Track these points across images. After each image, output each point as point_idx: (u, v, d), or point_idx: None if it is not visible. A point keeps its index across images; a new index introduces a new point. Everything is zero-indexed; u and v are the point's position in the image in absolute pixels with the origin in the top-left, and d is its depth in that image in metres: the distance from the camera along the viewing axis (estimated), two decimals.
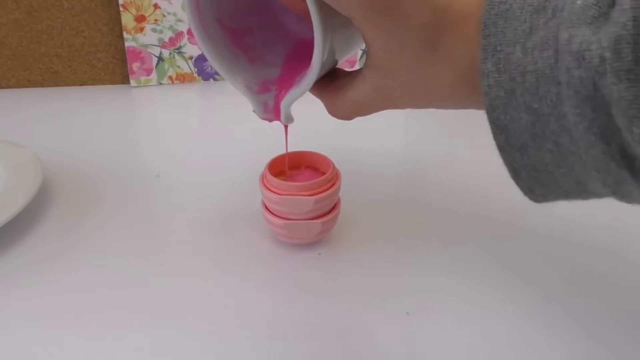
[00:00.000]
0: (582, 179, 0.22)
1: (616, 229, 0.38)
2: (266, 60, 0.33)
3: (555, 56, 0.20)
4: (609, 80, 0.18)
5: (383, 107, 0.29)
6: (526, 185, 0.24)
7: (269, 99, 0.31)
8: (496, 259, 0.35)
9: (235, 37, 0.31)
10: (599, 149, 0.19)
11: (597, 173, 0.20)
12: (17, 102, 0.64)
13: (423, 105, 0.28)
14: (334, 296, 0.32)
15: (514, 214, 0.40)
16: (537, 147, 0.22)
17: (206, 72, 0.71)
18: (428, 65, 0.25)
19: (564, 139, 0.21)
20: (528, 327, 0.30)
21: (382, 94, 0.28)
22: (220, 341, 0.29)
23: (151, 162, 0.50)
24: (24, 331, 0.29)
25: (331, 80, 0.30)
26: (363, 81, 0.28)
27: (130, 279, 0.33)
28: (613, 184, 0.20)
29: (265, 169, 0.35)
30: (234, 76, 0.31)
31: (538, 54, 0.21)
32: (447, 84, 0.25)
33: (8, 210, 0.36)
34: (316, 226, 0.34)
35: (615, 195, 0.21)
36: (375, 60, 0.26)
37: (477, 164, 0.48)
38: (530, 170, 0.23)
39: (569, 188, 0.23)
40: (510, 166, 0.24)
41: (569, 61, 0.19)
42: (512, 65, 0.21)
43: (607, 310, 0.31)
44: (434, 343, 0.29)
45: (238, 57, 0.31)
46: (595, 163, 0.20)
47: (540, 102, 0.21)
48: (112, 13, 0.66)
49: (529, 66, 0.21)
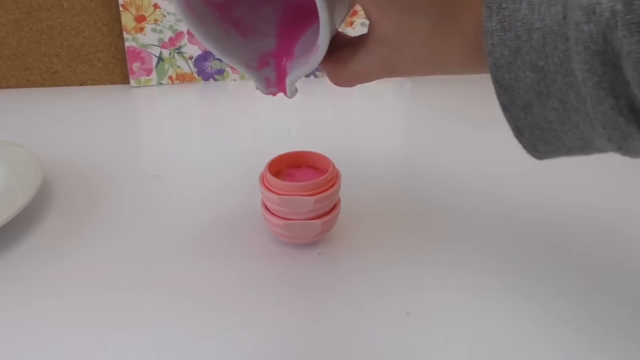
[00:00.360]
0: (587, 136, 0.22)
1: (617, 226, 0.39)
2: (258, 30, 0.32)
3: (564, 12, 0.20)
4: (620, 34, 0.18)
5: (387, 76, 0.29)
6: (529, 143, 0.24)
7: (269, 74, 0.31)
8: (497, 259, 0.35)
9: (222, 11, 0.31)
10: (608, 104, 0.19)
11: (604, 129, 0.20)
12: (17, 102, 0.64)
13: (430, 74, 0.28)
14: (333, 296, 0.32)
15: (514, 213, 0.40)
16: (542, 105, 0.22)
17: (206, 72, 0.71)
18: (438, 40, 0.25)
19: (570, 97, 0.21)
20: (528, 326, 0.30)
21: (388, 66, 0.27)
22: (221, 341, 0.29)
23: (151, 162, 0.50)
24: (23, 331, 0.29)
25: (332, 51, 0.29)
26: (367, 54, 0.27)
27: (130, 278, 0.33)
28: (619, 140, 0.20)
29: (265, 169, 0.35)
30: (230, 54, 0.30)
31: (545, 10, 0.20)
32: (458, 55, 0.25)
33: (8, 210, 0.36)
34: (316, 226, 0.34)
35: (620, 151, 0.21)
36: (382, 36, 0.26)
37: (477, 164, 0.48)
38: (534, 129, 0.23)
39: (573, 145, 0.23)
40: (513, 125, 0.23)
41: (579, 16, 0.19)
42: (517, 23, 0.21)
43: (608, 307, 0.31)
44: (434, 343, 0.29)
45: (229, 32, 0.31)
46: (603, 119, 0.20)
47: (546, 59, 0.21)
48: (112, 13, 0.66)
49: (535, 23, 0.21)
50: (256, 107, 0.62)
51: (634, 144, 0.20)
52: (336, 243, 0.37)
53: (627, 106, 0.19)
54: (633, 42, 0.18)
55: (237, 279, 0.33)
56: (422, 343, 0.28)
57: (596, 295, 0.32)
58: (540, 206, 0.42)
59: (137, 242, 0.37)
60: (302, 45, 0.31)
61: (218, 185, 0.44)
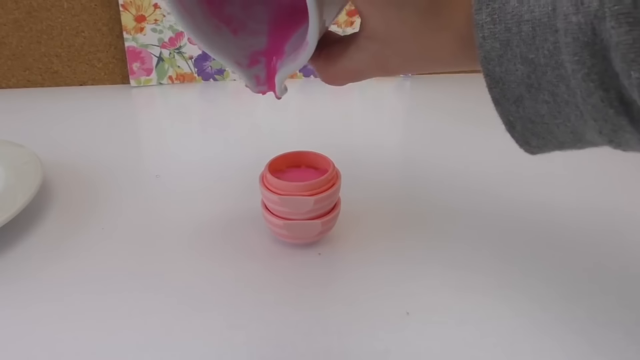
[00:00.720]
0: (579, 129, 0.22)
1: (618, 226, 0.39)
2: (249, 29, 0.32)
3: (553, 3, 0.20)
4: (608, 25, 0.18)
5: (378, 74, 0.28)
6: (522, 138, 0.24)
7: (259, 72, 0.31)
8: (497, 259, 0.35)
9: (214, 7, 0.30)
10: (598, 96, 0.19)
11: (595, 122, 0.20)
12: (17, 102, 0.64)
13: (420, 71, 0.28)
14: (333, 296, 0.32)
15: (515, 213, 0.40)
16: (532, 98, 0.22)
17: (206, 72, 0.71)
18: (428, 34, 0.25)
19: (561, 89, 0.21)
20: (529, 326, 0.30)
21: (379, 62, 0.27)
22: (221, 341, 0.29)
23: (151, 162, 0.50)
24: (23, 331, 0.29)
25: (322, 48, 0.29)
26: (358, 50, 0.27)
27: (129, 279, 0.33)
28: (610, 132, 0.20)
29: (265, 169, 0.35)
30: (221, 51, 0.30)
31: (534, 2, 0.20)
32: (448, 51, 0.25)
33: (8, 210, 0.36)
34: (316, 226, 0.34)
35: (612, 144, 0.21)
36: (372, 32, 0.26)
37: (478, 164, 0.48)
38: (526, 122, 0.23)
39: (565, 138, 0.23)
40: (505, 119, 0.23)
41: (567, 7, 0.19)
42: (507, 15, 0.21)
43: (609, 307, 0.31)
44: (434, 343, 0.29)
45: (220, 29, 0.30)
46: (593, 111, 0.20)
47: (536, 52, 0.21)
48: (112, 13, 0.66)
49: (525, 15, 0.21)
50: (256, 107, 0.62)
51: (625, 137, 0.20)
52: (336, 243, 0.37)
53: (617, 98, 0.19)
54: (621, 33, 0.17)
55: (237, 279, 0.33)
56: (422, 343, 0.29)
57: (597, 295, 0.32)
58: (541, 205, 0.42)
59: (137, 242, 0.37)
60: (293, 44, 0.30)
61: (218, 185, 0.44)
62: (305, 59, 0.27)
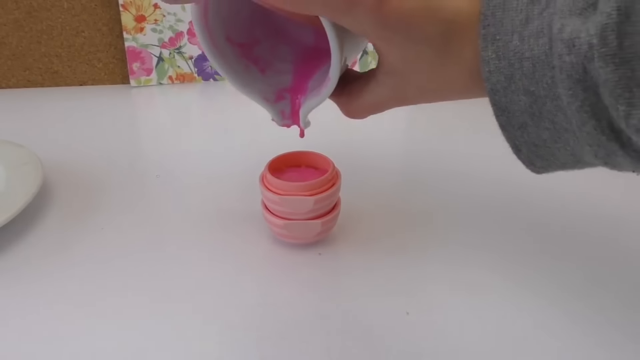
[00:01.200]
0: (577, 152, 0.24)
1: (620, 223, 0.39)
2: (276, 68, 0.35)
3: (550, 43, 0.22)
4: (597, 64, 0.20)
5: (397, 105, 0.31)
6: (527, 160, 0.26)
7: (285, 107, 0.33)
8: (498, 259, 0.35)
9: (244, 49, 0.33)
10: (591, 125, 0.21)
11: (590, 147, 0.22)
12: (17, 102, 0.64)
13: (436, 100, 0.30)
14: (333, 296, 0.32)
15: (515, 212, 0.41)
16: (535, 125, 0.24)
17: (206, 72, 0.71)
18: (442, 68, 0.27)
19: (559, 118, 0.23)
20: (530, 326, 0.30)
21: (398, 95, 0.29)
22: (221, 341, 0.29)
23: (151, 162, 0.50)
24: (24, 330, 0.29)
25: (344, 85, 0.32)
26: (378, 85, 0.29)
27: (130, 279, 0.33)
28: (604, 156, 0.22)
29: (265, 169, 0.35)
30: (250, 89, 0.32)
31: (534, 41, 0.22)
32: (460, 82, 0.27)
33: (8, 210, 0.36)
34: (316, 226, 0.34)
35: (607, 165, 0.23)
36: (390, 67, 0.28)
37: (477, 164, 0.48)
38: (530, 146, 0.25)
39: (566, 160, 0.25)
40: (512, 143, 0.26)
41: (561, 48, 0.21)
42: (510, 52, 0.23)
43: (610, 306, 0.31)
44: (434, 343, 0.29)
45: (249, 67, 0.33)
46: (588, 138, 0.22)
47: (536, 85, 0.23)
48: (112, 13, 0.66)
49: (525, 53, 0.23)
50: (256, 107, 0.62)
51: (618, 160, 0.22)
52: (336, 243, 0.37)
53: (608, 127, 0.21)
54: (608, 72, 0.20)
55: (237, 279, 0.33)
56: (422, 343, 0.29)
57: (599, 293, 0.32)
58: (542, 204, 0.42)
59: (137, 242, 0.37)
60: (315, 82, 0.33)
61: (218, 185, 0.44)
62: (328, 94, 0.29)
